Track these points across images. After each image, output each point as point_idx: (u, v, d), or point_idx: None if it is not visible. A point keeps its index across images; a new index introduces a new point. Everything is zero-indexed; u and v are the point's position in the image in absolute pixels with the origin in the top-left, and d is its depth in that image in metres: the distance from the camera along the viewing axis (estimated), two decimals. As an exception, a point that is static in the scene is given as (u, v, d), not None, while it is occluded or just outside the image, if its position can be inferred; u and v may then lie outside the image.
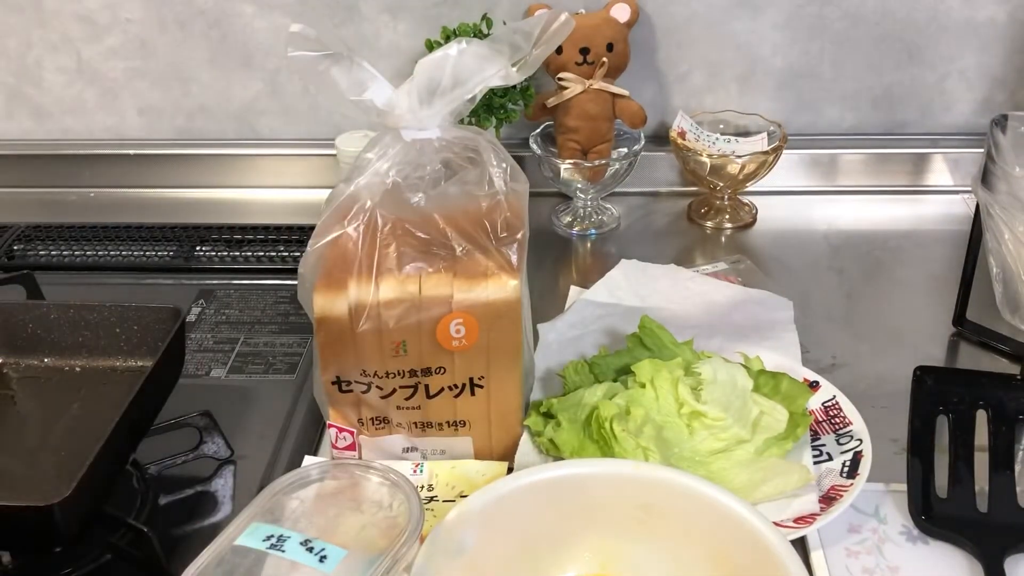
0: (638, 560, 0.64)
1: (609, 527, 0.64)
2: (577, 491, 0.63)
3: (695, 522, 0.62)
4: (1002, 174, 0.82)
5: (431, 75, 0.69)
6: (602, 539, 0.64)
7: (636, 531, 0.63)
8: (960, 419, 0.71)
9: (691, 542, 0.62)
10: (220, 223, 1.10)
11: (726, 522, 0.60)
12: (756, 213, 1.11)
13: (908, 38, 1.12)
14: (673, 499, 0.62)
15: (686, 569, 0.62)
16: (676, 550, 0.62)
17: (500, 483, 0.63)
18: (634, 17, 1.07)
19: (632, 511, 0.63)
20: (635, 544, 0.64)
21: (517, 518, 0.63)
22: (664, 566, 0.63)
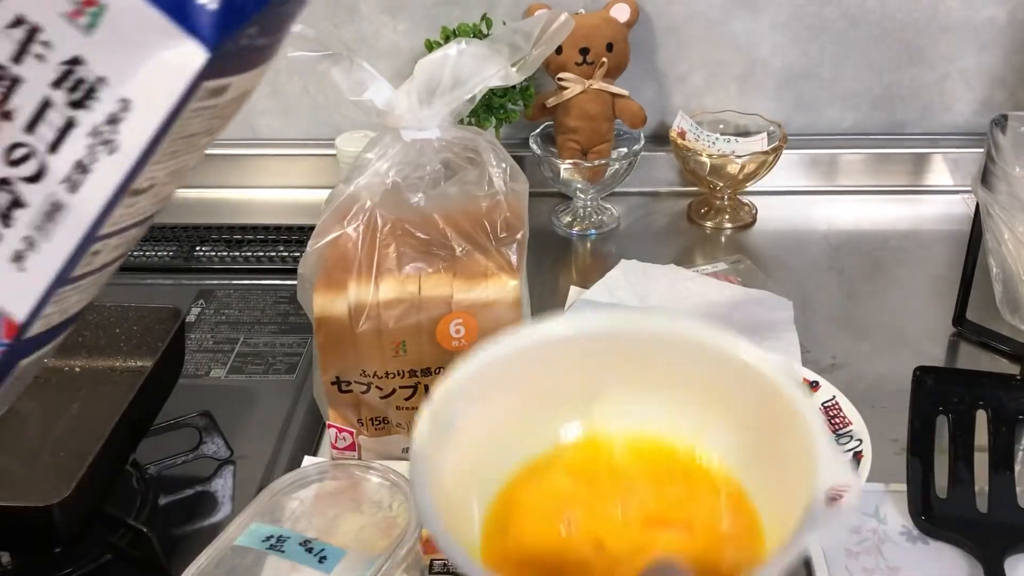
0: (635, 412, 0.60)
1: (602, 382, 0.59)
2: (563, 351, 0.59)
3: (689, 367, 0.58)
4: (1002, 174, 0.82)
5: (431, 75, 0.69)
6: (597, 396, 0.60)
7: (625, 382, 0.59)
8: (960, 419, 0.71)
9: (685, 386, 0.58)
10: (220, 223, 1.10)
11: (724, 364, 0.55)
12: (756, 213, 1.11)
13: (908, 38, 1.12)
14: (662, 348, 0.58)
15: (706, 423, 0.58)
16: (668, 396, 0.59)
17: (483, 352, 0.58)
18: (634, 17, 1.07)
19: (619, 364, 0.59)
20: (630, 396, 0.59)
21: (505, 386, 0.58)
22: (680, 420, 0.59)
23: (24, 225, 0.33)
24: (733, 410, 0.57)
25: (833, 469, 0.47)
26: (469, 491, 0.56)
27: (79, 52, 0.32)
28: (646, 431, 0.59)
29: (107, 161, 0.32)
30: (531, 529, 0.55)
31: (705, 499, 0.56)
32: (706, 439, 0.58)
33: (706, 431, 0.58)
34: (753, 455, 0.55)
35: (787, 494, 0.50)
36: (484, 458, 0.57)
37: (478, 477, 0.56)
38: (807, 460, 0.49)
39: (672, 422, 0.59)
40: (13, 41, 0.32)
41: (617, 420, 0.60)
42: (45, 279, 0.34)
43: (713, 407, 0.58)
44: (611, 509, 0.56)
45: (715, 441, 0.58)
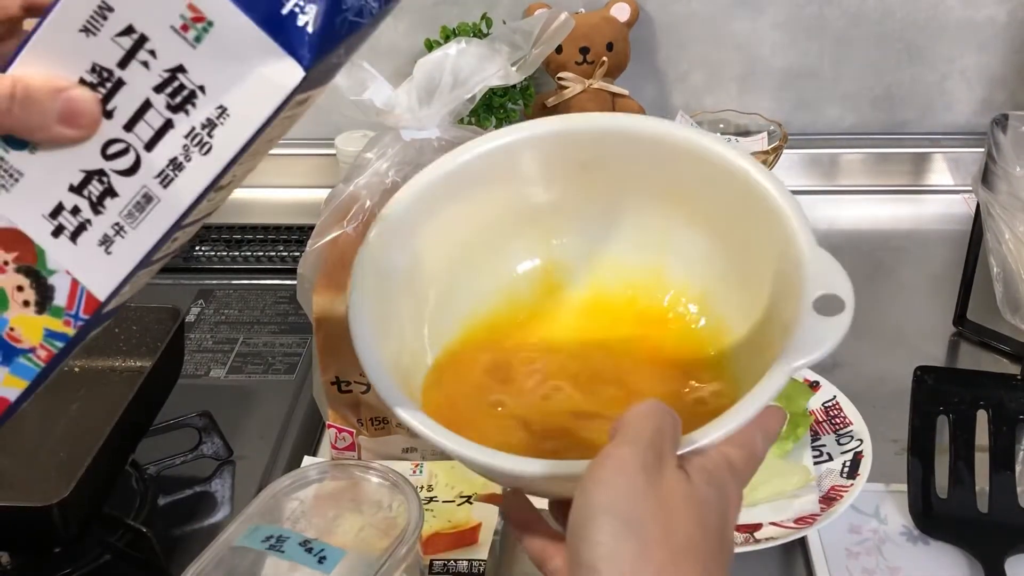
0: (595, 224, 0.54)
1: (551, 197, 0.53)
2: (509, 163, 0.53)
3: (651, 169, 0.51)
4: (1003, 174, 0.82)
5: (430, 75, 0.69)
6: (552, 217, 0.54)
7: (583, 195, 0.53)
8: (960, 419, 0.71)
9: (648, 194, 0.52)
10: (219, 223, 1.10)
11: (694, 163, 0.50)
12: (756, 213, 1.10)
13: (908, 38, 1.12)
14: (621, 147, 0.51)
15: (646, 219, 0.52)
16: (630, 208, 0.52)
17: (419, 178, 0.52)
18: (634, 16, 1.06)
19: (573, 172, 0.52)
20: (585, 212, 0.53)
21: (448, 216, 0.52)
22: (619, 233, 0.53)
23: (115, 213, 0.37)
24: (704, 218, 0.51)
25: (822, 273, 0.44)
26: (419, 336, 0.52)
27: (183, 61, 0.35)
28: (607, 265, 0.54)
29: (200, 161, 0.36)
30: (464, 391, 0.51)
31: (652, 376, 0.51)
32: (675, 258, 0.53)
33: (675, 247, 0.52)
34: (727, 270, 0.51)
35: (769, 313, 0.46)
36: (435, 301, 0.52)
37: (429, 321, 0.52)
38: (789, 266, 0.45)
39: (636, 244, 0.53)
40: (121, 48, 0.35)
41: (575, 251, 0.54)
42: (129, 263, 0.38)
43: (682, 215, 0.52)
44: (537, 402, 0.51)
45: (685, 260, 0.52)
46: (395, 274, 0.51)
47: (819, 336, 0.42)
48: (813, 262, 0.45)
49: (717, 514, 0.40)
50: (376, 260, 0.49)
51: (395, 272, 0.51)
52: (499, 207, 0.54)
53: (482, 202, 0.53)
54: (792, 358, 0.41)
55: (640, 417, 0.39)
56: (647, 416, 0.39)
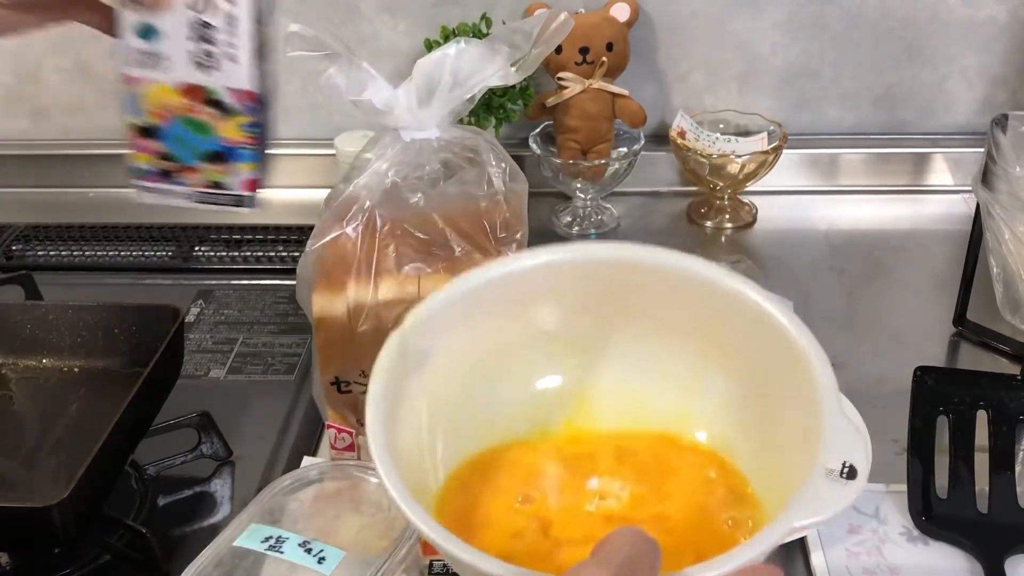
0: (620, 352, 0.56)
1: (585, 320, 0.56)
2: (549, 281, 0.55)
3: (684, 303, 0.53)
4: (1003, 174, 0.82)
5: (430, 75, 0.69)
6: (595, 340, 0.56)
7: (617, 320, 0.55)
8: (960, 419, 0.71)
9: (680, 329, 0.54)
10: (219, 223, 1.10)
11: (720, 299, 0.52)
12: (756, 213, 1.11)
13: (908, 37, 1.12)
14: (658, 281, 0.54)
15: (695, 373, 0.54)
16: (687, 350, 0.54)
17: (463, 280, 0.54)
18: (634, 16, 1.06)
19: (611, 298, 0.55)
20: (616, 336, 0.56)
21: (488, 315, 0.54)
22: (671, 369, 0.55)
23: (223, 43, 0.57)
24: (733, 361, 0.52)
25: (842, 440, 0.43)
26: (435, 435, 0.52)
27: None
28: (631, 392, 0.55)
29: None
30: (488, 493, 0.52)
31: (687, 482, 0.53)
32: (699, 401, 0.54)
33: (701, 387, 0.54)
34: (751, 415, 0.51)
35: (787, 461, 0.46)
36: (456, 401, 0.53)
37: (448, 422, 0.53)
38: (812, 424, 0.45)
39: (662, 376, 0.55)
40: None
41: (601, 376, 0.56)
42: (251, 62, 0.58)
43: (710, 356, 0.53)
44: (573, 496, 0.53)
45: (709, 403, 0.54)
46: (420, 367, 0.51)
47: (826, 499, 0.42)
48: (835, 426, 0.45)
49: None
50: (405, 347, 0.50)
51: (420, 365, 0.51)
52: (531, 322, 0.56)
53: (515, 315, 0.55)
54: (794, 517, 0.41)
55: (618, 540, 0.39)
56: (625, 541, 0.39)
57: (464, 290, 0.53)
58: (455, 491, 0.52)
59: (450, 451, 0.53)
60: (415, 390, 0.51)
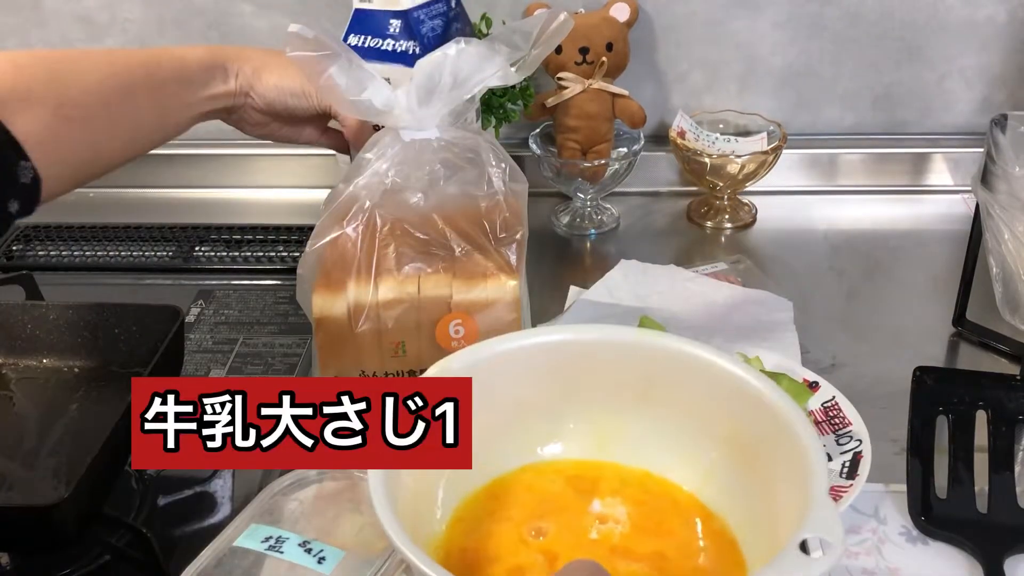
0: (635, 436, 0.59)
1: (605, 401, 0.59)
2: (573, 358, 0.58)
3: (701, 395, 0.56)
4: (1002, 174, 0.82)
5: (430, 75, 0.69)
6: (597, 414, 0.59)
7: (635, 405, 0.58)
8: (960, 419, 0.71)
9: (695, 417, 0.57)
10: (219, 223, 1.10)
11: (735, 394, 0.54)
12: (756, 213, 1.11)
13: (908, 37, 1.12)
14: (677, 370, 0.57)
15: (690, 446, 0.57)
16: (678, 425, 0.57)
17: (488, 344, 0.57)
18: (633, 16, 1.06)
19: (632, 383, 0.58)
20: (633, 420, 0.58)
21: (504, 383, 0.57)
22: (664, 442, 0.58)
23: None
24: (719, 428, 0.56)
25: (822, 519, 0.45)
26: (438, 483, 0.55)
27: None
28: (627, 456, 0.59)
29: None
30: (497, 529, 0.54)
31: (684, 532, 0.55)
32: (688, 463, 0.57)
33: (688, 453, 0.57)
34: (745, 488, 0.54)
35: (775, 531, 0.49)
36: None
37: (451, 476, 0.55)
38: (800, 499, 0.47)
39: (655, 444, 0.58)
40: None
41: (602, 445, 0.59)
42: None
43: (697, 426, 0.57)
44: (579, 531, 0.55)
45: (698, 465, 0.57)
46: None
47: (797, 569, 0.43)
48: (819, 507, 0.46)
49: None
50: None
51: None
52: (550, 387, 0.59)
53: (536, 379, 0.58)
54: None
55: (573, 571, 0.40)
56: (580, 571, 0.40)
57: (491, 355, 0.57)
58: (460, 533, 0.54)
59: (451, 495, 0.56)
60: None
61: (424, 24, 0.84)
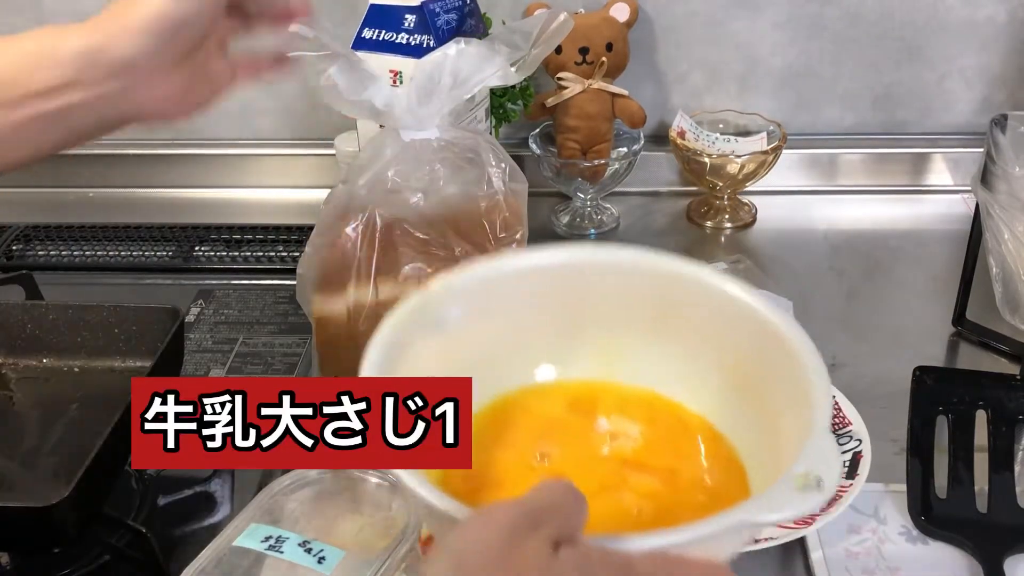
0: (640, 359, 0.56)
1: (610, 323, 0.56)
2: (584, 279, 0.56)
3: (709, 321, 0.54)
4: (1002, 174, 0.82)
5: (430, 75, 0.69)
6: (600, 336, 0.57)
7: (640, 328, 0.56)
8: (960, 419, 0.71)
9: (702, 342, 0.55)
10: (219, 223, 1.10)
11: (744, 321, 0.52)
12: (756, 213, 1.11)
13: (908, 37, 1.12)
14: (685, 294, 0.55)
15: (697, 372, 0.55)
16: (684, 350, 0.55)
17: (499, 261, 0.56)
18: (633, 17, 1.06)
19: (637, 305, 0.56)
20: (638, 343, 0.56)
21: (512, 301, 0.55)
22: (670, 366, 0.56)
23: None
24: (726, 356, 0.54)
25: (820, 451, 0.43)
26: None
27: None
28: (632, 377, 0.56)
29: None
30: (501, 455, 0.52)
31: (692, 451, 0.53)
32: (694, 388, 0.55)
33: (695, 379, 0.55)
34: (751, 415, 0.52)
35: (778, 461, 0.46)
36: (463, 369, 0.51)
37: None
38: (801, 431, 0.45)
39: (660, 368, 0.56)
40: None
41: (605, 367, 0.57)
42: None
43: (704, 352, 0.54)
44: (588, 449, 0.53)
45: (704, 390, 0.55)
46: (432, 334, 0.52)
47: (784, 502, 0.41)
48: (818, 440, 0.44)
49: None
50: (425, 308, 0.51)
51: (433, 332, 0.52)
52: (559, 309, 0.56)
53: (545, 299, 0.56)
54: (750, 512, 0.41)
55: (542, 487, 0.39)
56: (548, 489, 0.39)
57: (489, 275, 0.55)
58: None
59: None
60: (422, 354, 0.51)
61: (439, 17, 0.84)
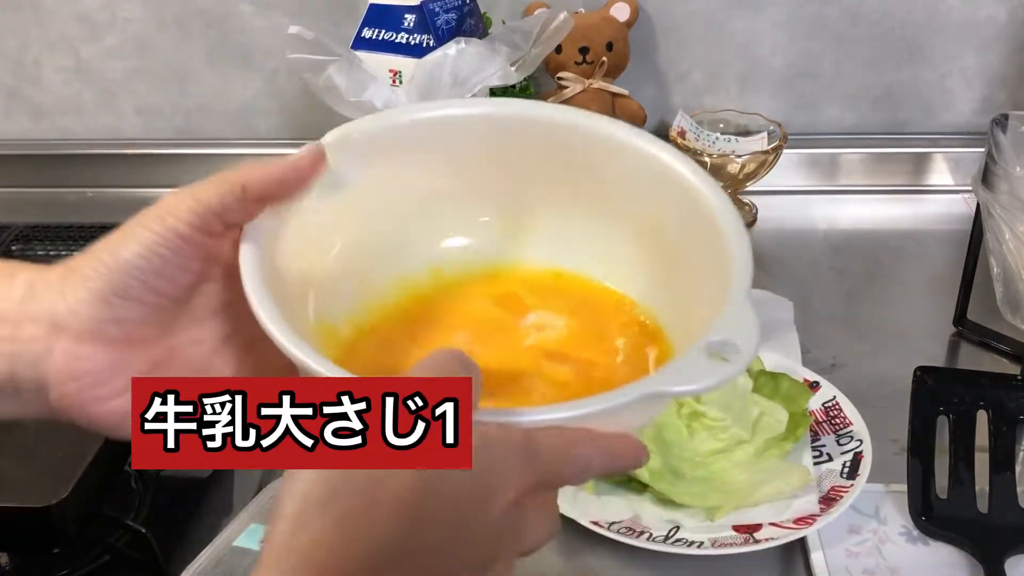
0: (552, 230, 0.51)
1: (518, 188, 0.51)
2: (488, 136, 0.50)
3: (623, 182, 0.49)
4: (1003, 173, 0.82)
5: (430, 75, 0.69)
6: (509, 202, 0.51)
7: (551, 193, 0.51)
8: (960, 419, 0.71)
9: (617, 207, 0.50)
10: (219, 223, 1.10)
11: (660, 181, 0.48)
12: (756, 213, 1.11)
13: (908, 37, 1.12)
14: (598, 153, 0.49)
15: (610, 240, 0.50)
16: (598, 217, 0.50)
17: (405, 111, 0.50)
18: (633, 16, 1.06)
19: (550, 166, 0.50)
20: (550, 211, 0.51)
21: (420, 158, 0.49)
22: (593, 242, 0.51)
23: None
24: (644, 222, 0.50)
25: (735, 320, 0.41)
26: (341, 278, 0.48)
27: None
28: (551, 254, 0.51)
29: None
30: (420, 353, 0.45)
31: (617, 330, 0.49)
32: (616, 262, 0.51)
33: (617, 251, 0.50)
34: (667, 275, 0.49)
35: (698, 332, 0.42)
36: (365, 242, 0.48)
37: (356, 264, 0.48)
38: (719, 300, 0.43)
39: (577, 237, 0.51)
40: None
41: (514, 239, 0.52)
42: None
43: (624, 220, 0.50)
44: (510, 337, 0.48)
45: (625, 265, 0.50)
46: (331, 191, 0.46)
47: (698, 372, 0.38)
48: (734, 308, 0.42)
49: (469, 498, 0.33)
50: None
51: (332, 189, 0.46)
52: (469, 168, 0.51)
53: (453, 157, 0.50)
54: (661, 381, 0.38)
55: (429, 361, 0.35)
56: (436, 361, 0.35)
57: (393, 124, 0.49)
58: (374, 345, 0.47)
59: (358, 300, 0.48)
60: (314, 220, 0.46)
61: (439, 17, 0.84)
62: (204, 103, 1.19)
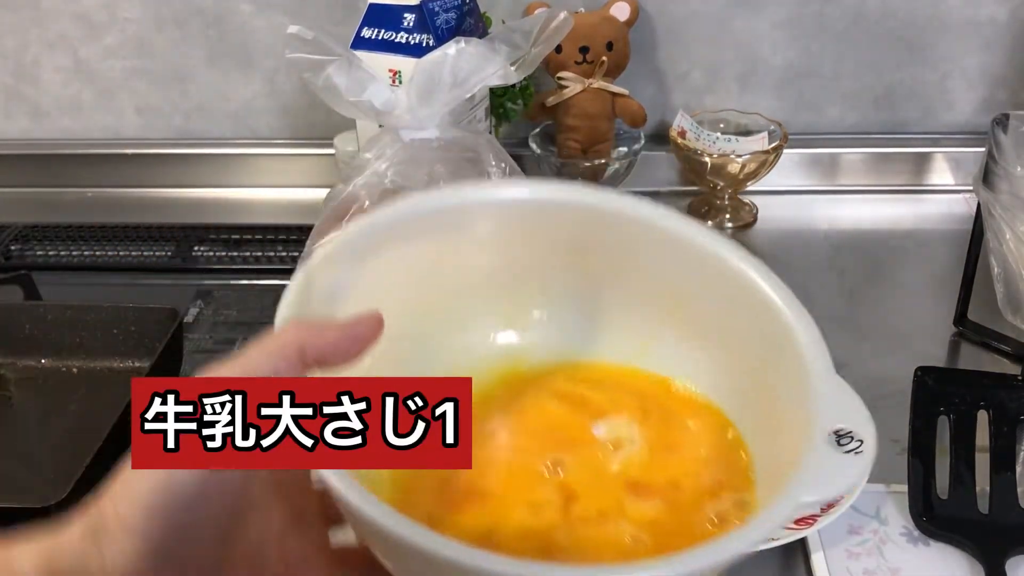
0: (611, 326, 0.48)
1: (574, 279, 0.47)
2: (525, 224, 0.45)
3: (681, 278, 0.45)
4: (1004, 173, 0.82)
5: (430, 75, 0.69)
6: (561, 296, 0.47)
7: (564, 279, 0.47)
8: (961, 420, 0.70)
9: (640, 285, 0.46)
10: (218, 223, 1.10)
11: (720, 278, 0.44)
12: (756, 213, 1.10)
13: (909, 37, 1.12)
14: (618, 233, 0.45)
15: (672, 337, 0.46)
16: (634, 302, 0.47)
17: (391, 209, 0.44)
18: (634, 16, 1.06)
19: (561, 253, 0.46)
20: (608, 305, 0.47)
21: (409, 256, 0.44)
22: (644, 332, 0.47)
23: None
24: (717, 329, 0.46)
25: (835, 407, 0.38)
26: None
27: None
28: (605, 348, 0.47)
29: None
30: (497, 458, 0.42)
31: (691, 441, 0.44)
32: (681, 365, 0.46)
33: (680, 355, 0.46)
34: (740, 386, 0.45)
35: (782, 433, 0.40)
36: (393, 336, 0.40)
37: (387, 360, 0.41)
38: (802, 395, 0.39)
39: (639, 342, 0.47)
40: None
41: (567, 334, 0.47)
42: None
43: (691, 323, 0.46)
44: (588, 451, 0.43)
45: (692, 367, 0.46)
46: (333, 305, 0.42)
47: (832, 472, 0.35)
48: (828, 391, 0.39)
49: None
50: (312, 282, 0.41)
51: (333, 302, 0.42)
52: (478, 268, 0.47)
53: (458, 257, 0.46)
54: (801, 492, 0.35)
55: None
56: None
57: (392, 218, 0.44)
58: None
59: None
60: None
61: (439, 16, 0.84)
62: (204, 103, 1.19)
